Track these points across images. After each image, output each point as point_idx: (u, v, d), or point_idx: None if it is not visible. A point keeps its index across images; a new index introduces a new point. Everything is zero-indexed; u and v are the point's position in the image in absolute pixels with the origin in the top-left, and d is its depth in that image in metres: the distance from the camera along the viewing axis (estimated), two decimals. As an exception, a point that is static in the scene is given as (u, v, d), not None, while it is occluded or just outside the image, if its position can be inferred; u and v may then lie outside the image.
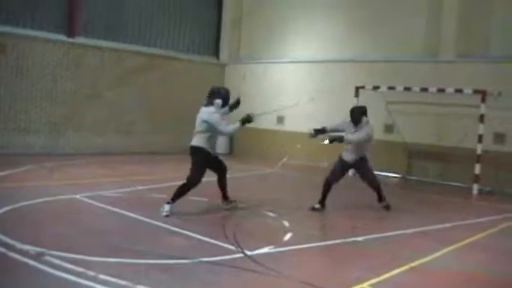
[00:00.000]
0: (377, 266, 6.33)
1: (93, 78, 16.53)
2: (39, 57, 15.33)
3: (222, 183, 9.16)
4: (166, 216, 8.21)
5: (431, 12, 15.67)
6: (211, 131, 8.53)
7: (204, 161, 8.62)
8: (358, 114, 9.76)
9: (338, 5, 17.65)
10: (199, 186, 8.49)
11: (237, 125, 8.67)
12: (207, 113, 8.50)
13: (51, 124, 15.62)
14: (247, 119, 8.70)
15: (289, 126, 18.31)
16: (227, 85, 20.18)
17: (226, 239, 7.00)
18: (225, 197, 9.22)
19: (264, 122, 18.90)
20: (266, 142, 18.61)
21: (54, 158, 14.33)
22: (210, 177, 8.93)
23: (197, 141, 8.59)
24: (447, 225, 9.12)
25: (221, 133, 8.83)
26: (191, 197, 8.81)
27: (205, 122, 8.46)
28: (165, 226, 7.66)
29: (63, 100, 15.84)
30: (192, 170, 8.56)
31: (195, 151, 8.59)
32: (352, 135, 9.55)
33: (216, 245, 6.81)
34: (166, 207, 8.34)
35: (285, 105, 13.12)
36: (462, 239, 8.06)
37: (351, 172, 11.16)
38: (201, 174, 8.58)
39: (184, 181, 8.55)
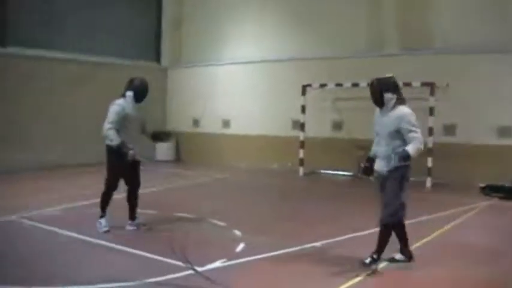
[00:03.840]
0: (340, 272, 5.86)
1: (20, 89, 15.25)
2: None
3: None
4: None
5: (371, 6, 15.46)
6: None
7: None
8: (376, 90, 6.43)
9: (278, 3, 17.28)
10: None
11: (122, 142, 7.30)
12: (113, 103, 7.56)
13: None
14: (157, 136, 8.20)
15: (235, 129, 17.84)
16: (170, 90, 19.71)
17: (174, 255, 6.29)
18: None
19: (210, 126, 18.42)
20: (213, 147, 18.05)
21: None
22: (159, 187, 8.26)
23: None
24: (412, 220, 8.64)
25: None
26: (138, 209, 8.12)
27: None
28: (103, 243, 6.91)
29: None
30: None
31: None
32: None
33: (163, 262, 6.14)
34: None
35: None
36: (422, 236, 7.68)
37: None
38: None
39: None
